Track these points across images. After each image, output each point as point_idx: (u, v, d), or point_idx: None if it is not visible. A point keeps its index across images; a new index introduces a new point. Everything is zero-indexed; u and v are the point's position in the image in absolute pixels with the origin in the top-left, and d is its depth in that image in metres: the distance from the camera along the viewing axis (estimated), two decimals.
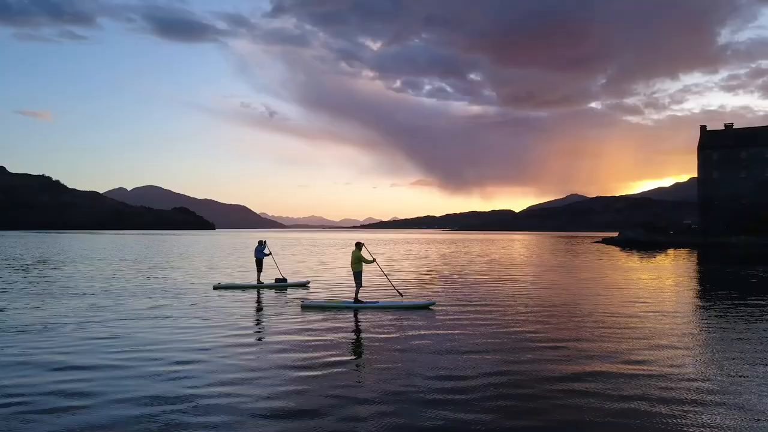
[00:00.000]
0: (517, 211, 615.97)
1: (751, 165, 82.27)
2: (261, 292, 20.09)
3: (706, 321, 14.09)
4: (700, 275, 29.07)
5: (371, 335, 12.11)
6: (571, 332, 12.40)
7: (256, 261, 21.80)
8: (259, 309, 15.98)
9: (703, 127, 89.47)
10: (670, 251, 58.64)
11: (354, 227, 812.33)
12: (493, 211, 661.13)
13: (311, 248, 63.74)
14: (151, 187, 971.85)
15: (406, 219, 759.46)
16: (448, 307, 16.01)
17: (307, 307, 15.65)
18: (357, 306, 15.68)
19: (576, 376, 8.71)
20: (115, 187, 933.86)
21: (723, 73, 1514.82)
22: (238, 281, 23.01)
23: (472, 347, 10.77)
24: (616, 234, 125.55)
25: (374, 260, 16.46)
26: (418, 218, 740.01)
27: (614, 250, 61.48)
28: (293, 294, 19.54)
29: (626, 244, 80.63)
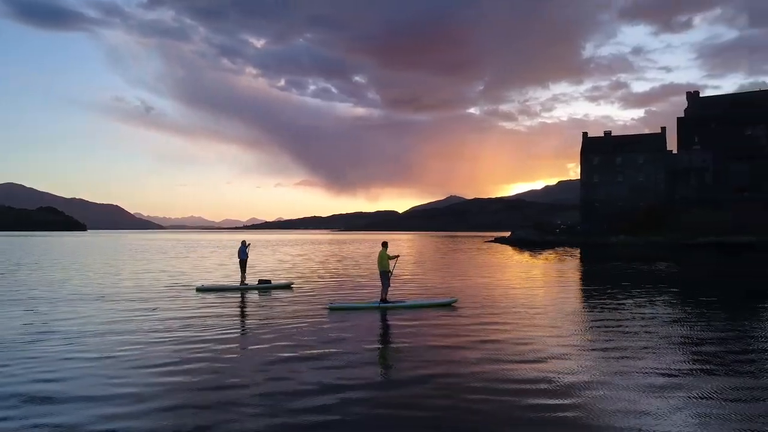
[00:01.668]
0: (401, 211, 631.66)
1: (625, 170, 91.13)
2: (246, 293, 19.73)
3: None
4: (617, 273, 32.16)
5: (407, 338, 12.40)
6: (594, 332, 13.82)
7: (240, 262, 21.32)
8: (283, 313, 15.12)
9: (584, 134, 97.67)
10: (560, 250, 62.85)
11: (236, 228, 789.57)
12: (378, 212, 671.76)
13: (217, 250, 61.93)
14: (11, 185, 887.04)
15: (291, 219, 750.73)
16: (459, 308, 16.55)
17: (334, 308, 15.63)
18: (384, 306, 15.81)
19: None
20: None
21: (587, 84, 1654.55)
22: (220, 283, 22.67)
23: (504, 349, 11.11)
24: (496, 233, 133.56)
25: (390, 272, 16.23)
26: (305, 218, 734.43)
27: (510, 249, 65.40)
28: (285, 295, 19.28)
29: (518, 242, 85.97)
